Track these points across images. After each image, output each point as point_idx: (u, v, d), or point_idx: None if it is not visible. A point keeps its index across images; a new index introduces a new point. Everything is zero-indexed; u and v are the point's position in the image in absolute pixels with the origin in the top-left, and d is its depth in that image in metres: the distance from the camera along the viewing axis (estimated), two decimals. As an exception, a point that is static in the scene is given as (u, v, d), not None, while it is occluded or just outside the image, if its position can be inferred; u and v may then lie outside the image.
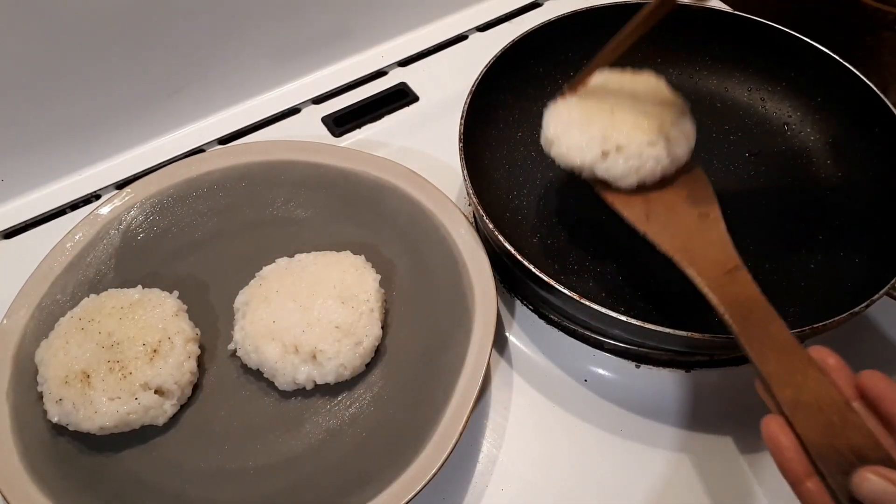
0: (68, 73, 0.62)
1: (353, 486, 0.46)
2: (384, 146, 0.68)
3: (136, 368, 0.48)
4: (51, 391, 0.48)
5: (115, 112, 0.67)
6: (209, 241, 0.58)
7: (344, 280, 0.52)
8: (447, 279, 0.54)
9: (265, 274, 0.54)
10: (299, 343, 0.49)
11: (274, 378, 0.50)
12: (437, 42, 0.79)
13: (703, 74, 0.69)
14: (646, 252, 0.58)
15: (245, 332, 0.51)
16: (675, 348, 0.54)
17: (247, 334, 0.51)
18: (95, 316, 0.51)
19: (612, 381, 0.55)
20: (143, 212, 0.59)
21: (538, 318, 0.58)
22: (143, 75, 0.66)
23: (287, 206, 0.60)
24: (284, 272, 0.53)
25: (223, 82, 0.72)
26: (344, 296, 0.51)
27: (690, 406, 0.54)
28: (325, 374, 0.50)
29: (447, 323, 0.52)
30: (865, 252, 0.57)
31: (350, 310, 0.51)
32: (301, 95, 0.75)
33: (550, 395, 0.54)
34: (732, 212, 0.60)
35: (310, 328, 0.50)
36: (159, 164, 0.68)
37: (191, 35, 0.66)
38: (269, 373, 0.50)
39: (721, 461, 0.51)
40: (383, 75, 0.77)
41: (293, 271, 0.53)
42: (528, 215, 0.60)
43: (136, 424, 0.48)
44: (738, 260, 0.47)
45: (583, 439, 0.52)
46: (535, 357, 0.56)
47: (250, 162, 0.62)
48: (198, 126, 0.72)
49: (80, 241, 0.57)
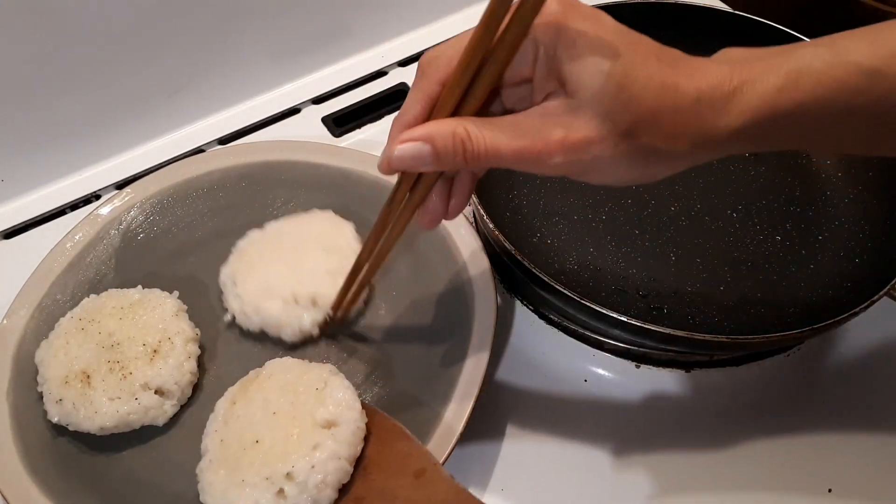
0: (68, 73, 0.62)
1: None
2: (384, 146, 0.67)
3: (136, 368, 0.48)
4: (51, 391, 0.48)
5: (115, 112, 0.67)
6: (209, 241, 0.58)
7: (322, 233, 0.55)
8: (447, 279, 0.54)
9: (242, 246, 0.55)
10: (297, 293, 0.51)
11: (280, 332, 0.51)
12: (437, 42, 0.79)
13: (703, 74, 0.69)
14: (646, 252, 0.58)
15: (241, 298, 0.52)
16: (675, 348, 0.54)
17: (243, 300, 0.52)
18: (95, 316, 0.51)
19: (612, 381, 0.55)
20: (143, 212, 0.59)
21: (538, 318, 0.58)
22: (143, 75, 0.66)
23: (287, 206, 0.60)
24: (261, 240, 0.55)
25: (223, 82, 0.72)
26: (326, 246, 0.54)
27: (690, 406, 0.54)
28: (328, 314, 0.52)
29: (447, 323, 0.52)
30: (865, 252, 0.57)
31: (336, 256, 0.53)
32: (301, 95, 0.75)
33: (550, 395, 0.54)
34: (732, 212, 0.61)
35: (303, 279, 0.52)
36: (159, 164, 0.68)
37: (191, 35, 0.66)
38: (274, 329, 0.51)
39: (721, 461, 0.51)
40: (383, 75, 0.77)
41: (270, 237, 0.55)
42: (528, 215, 0.60)
43: (136, 424, 0.48)
44: (474, 498, 0.39)
45: (583, 439, 0.52)
46: (535, 357, 0.56)
47: (250, 162, 0.62)
48: (198, 126, 0.72)
49: (80, 241, 0.57)
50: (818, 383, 0.55)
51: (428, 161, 0.35)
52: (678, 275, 0.57)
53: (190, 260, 0.57)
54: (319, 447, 0.42)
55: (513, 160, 0.34)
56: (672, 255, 0.58)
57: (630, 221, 0.60)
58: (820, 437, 0.52)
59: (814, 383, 0.55)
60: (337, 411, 0.44)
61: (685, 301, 0.55)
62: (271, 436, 0.43)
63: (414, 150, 0.35)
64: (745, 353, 0.55)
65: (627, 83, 0.32)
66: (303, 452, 0.42)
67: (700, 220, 0.60)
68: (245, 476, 0.42)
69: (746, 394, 0.54)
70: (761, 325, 0.53)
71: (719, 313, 0.54)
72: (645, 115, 0.33)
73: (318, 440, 0.42)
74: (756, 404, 0.54)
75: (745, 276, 0.56)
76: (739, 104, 0.34)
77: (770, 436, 0.52)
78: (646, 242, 0.58)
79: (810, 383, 0.55)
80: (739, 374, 0.55)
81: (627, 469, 0.51)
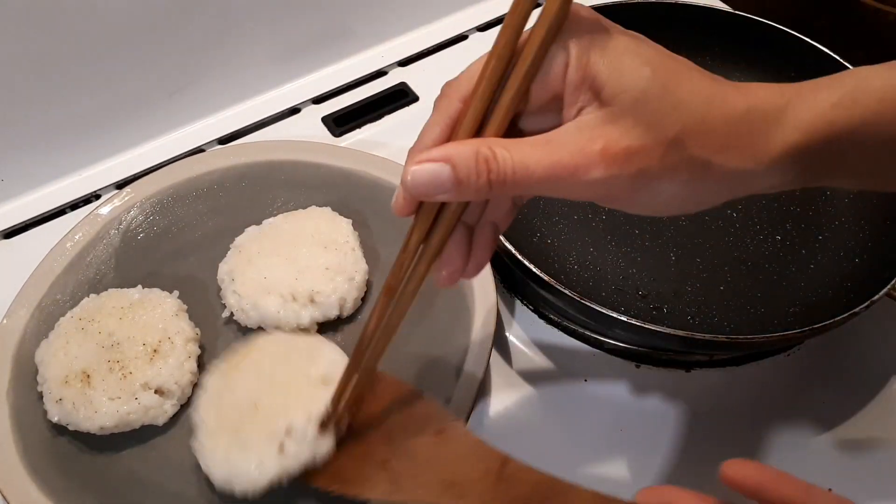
0: (68, 72, 0.62)
1: (353, 486, 0.46)
2: (384, 146, 0.67)
3: (136, 368, 0.48)
4: (51, 391, 0.47)
5: (115, 112, 0.67)
6: (209, 240, 0.58)
7: (319, 229, 0.55)
8: (447, 279, 0.54)
9: (240, 243, 0.56)
10: (295, 290, 0.51)
11: (278, 328, 0.52)
12: (437, 42, 0.79)
13: (703, 74, 0.69)
14: (646, 252, 0.58)
15: (238, 294, 0.52)
16: (675, 348, 0.54)
17: (241, 295, 0.52)
18: (95, 316, 0.51)
19: (612, 381, 0.55)
20: (143, 212, 0.59)
21: (538, 318, 0.58)
22: (143, 75, 0.66)
23: (287, 206, 0.60)
24: (259, 236, 0.55)
25: (223, 82, 0.72)
26: (324, 242, 0.54)
27: (690, 406, 0.54)
28: (327, 310, 0.52)
29: (447, 323, 0.52)
30: (865, 252, 0.57)
31: (334, 252, 0.53)
32: (301, 95, 0.75)
33: (550, 395, 0.54)
34: (732, 212, 0.61)
35: (301, 275, 0.52)
36: (159, 164, 0.68)
37: (191, 35, 0.66)
38: (272, 325, 0.52)
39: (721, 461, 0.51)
40: (383, 75, 0.77)
41: (267, 233, 0.55)
42: (529, 215, 0.60)
43: (136, 424, 0.48)
44: (502, 454, 0.39)
45: (583, 439, 0.52)
46: (535, 357, 0.56)
47: (250, 162, 0.62)
48: (198, 126, 0.72)
49: (80, 241, 0.57)
50: (818, 383, 0.55)
51: (448, 185, 0.30)
52: (678, 275, 0.57)
53: (190, 260, 0.57)
54: (316, 400, 0.42)
55: (544, 179, 0.30)
56: (672, 255, 0.58)
57: (630, 221, 0.60)
58: (820, 437, 0.52)
59: (814, 383, 0.55)
60: (331, 368, 0.45)
61: (685, 301, 0.55)
62: (269, 399, 0.44)
63: (431, 172, 0.30)
64: (745, 353, 0.55)
65: (673, 87, 0.29)
66: (301, 407, 0.42)
67: (700, 220, 0.60)
68: (248, 439, 0.42)
69: (746, 394, 0.54)
70: (761, 325, 0.53)
71: (719, 313, 0.54)
72: (695, 122, 0.29)
73: (314, 395, 0.43)
74: (756, 404, 0.54)
75: (745, 276, 0.56)
76: (793, 118, 0.30)
77: (770, 436, 0.52)
78: (646, 242, 0.59)
79: (810, 383, 0.55)
80: (739, 374, 0.55)
81: (627, 469, 0.51)
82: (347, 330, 0.53)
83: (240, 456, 0.42)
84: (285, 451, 0.41)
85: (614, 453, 0.51)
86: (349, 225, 0.56)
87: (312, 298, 0.52)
